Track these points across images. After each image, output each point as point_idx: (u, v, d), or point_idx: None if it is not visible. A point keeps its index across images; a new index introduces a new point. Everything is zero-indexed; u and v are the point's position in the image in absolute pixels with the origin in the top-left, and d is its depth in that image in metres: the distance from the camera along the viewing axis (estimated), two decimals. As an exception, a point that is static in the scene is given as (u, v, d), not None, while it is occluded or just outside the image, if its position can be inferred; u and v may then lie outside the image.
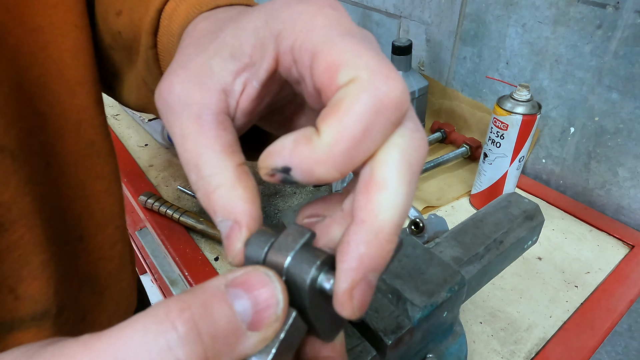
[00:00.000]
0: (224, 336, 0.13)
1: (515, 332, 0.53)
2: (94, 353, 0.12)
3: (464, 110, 0.89)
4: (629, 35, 0.62)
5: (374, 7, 1.03)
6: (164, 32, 0.29)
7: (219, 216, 0.18)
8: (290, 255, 0.16)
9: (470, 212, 0.73)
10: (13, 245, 0.31)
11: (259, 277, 0.15)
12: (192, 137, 0.18)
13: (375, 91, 0.15)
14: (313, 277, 0.16)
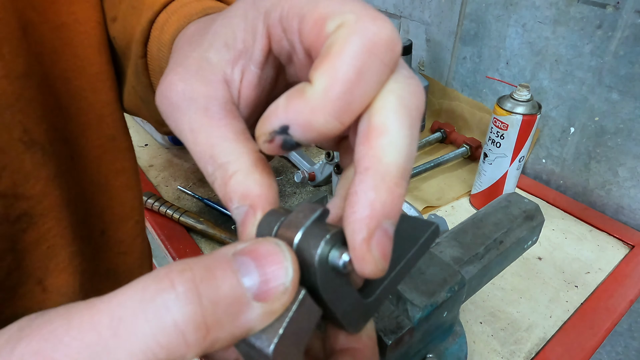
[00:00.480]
0: (227, 303, 0.12)
1: (515, 332, 0.53)
2: (94, 310, 0.12)
3: (464, 110, 0.89)
4: (629, 35, 0.62)
5: (374, 7, 1.03)
6: (154, 42, 0.29)
7: (235, 203, 0.17)
8: (300, 230, 0.15)
9: (470, 212, 0.73)
10: (42, 237, 0.31)
11: (268, 246, 0.14)
12: (203, 129, 0.18)
13: (364, 31, 0.14)
14: (322, 252, 0.15)
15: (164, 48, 0.28)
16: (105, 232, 0.38)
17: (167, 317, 0.11)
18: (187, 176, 0.81)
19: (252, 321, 0.13)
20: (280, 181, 0.79)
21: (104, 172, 0.37)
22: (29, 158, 0.29)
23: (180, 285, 0.12)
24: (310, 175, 0.74)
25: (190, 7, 0.29)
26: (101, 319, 0.12)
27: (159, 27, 0.29)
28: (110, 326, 0.11)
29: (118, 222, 0.39)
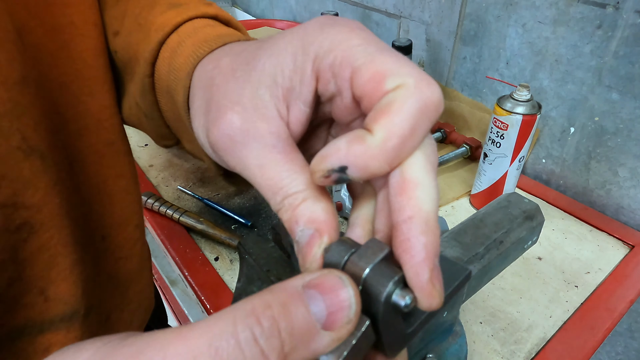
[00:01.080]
0: (300, 333, 0.14)
1: (515, 332, 0.53)
2: (190, 338, 0.14)
3: (464, 110, 0.89)
4: (629, 35, 0.62)
5: (374, 7, 1.03)
6: (163, 63, 0.30)
7: (301, 225, 0.19)
8: (369, 266, 0.17)
9: (470, 212, 0.73)
10: (43, 246, 0.31)
11: (334, 280, 0.15)
12: (272, 165, 0.20)
13: (421, 95, 0.17)
14: (389, 291, 0.17)
15: (177, 72, 0.28)
16: (106, 238, 0.38)
17: (256, 348, 0.14)
18: (187, 176, 0.81)
19: (321, 347, 0.15)
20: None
21: (102, 177, 0.37)
22: (28, 166, 0.29)
23: (266, 322, 0.14)
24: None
25: (205, 32, 0.29)
26: (199, 345, 0.14)
27: (170, 49, 0.29)
28: (209, 353, 0.13)
29: (118, 226, 0.39)
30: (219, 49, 0.27)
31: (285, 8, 1.38)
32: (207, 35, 0.29)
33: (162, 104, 0.31)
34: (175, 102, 0.29)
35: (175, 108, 0.30)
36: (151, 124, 0.34)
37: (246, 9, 1.63)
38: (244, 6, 1.63)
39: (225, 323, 0.14)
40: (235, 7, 1.63)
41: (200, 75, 0.26)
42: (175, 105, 0.29)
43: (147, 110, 0.33)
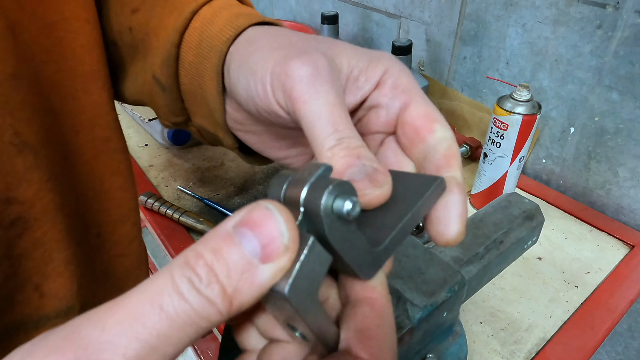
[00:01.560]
0: (238, 272, 0.14)
1: (515, 332, 0.53)
2: (130, 306, 0.13)
3: (464, 110, 0.89)
4: (629, 35, 0.62)
5: (374, 7, 1.03)
6: (194, 33, 0.31)
7: (363, 160, 0.20)
8: (306, 186, 0.17)
9: (470, 212, 0.73)
10: (37, 242, 0.31)
11: (261, 212, 0.15)
12: (342, 108, 0.22)
13: (453, 142, 0.23)
14: (327, 202, 0.16)
15: (211, 39, 0.29)
16: (101, 235, 0.38)
17: (200, 296, 0.14)
18: (187, 176, 0.81)
19: (266, 280, 0.15)
20: (280, 181, 0.79)
21: (98, 174, 0.37)
22: (20, 161, 0.29)
23: (200, 269, 0.14)
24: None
25: (239, 8, 0.31)
26: (141, 307, 0.13)
27: (202, 19, 0.30)
28: (153, 312, 0.13)
29: (114, 224, 0.39)
30: (261, 27, 0.28)
31: (285, 8, 1.38)
32: (242, 11, 0.30)
33: (183, 76, 0.32)
34: (201, 70, 0.30)
35: (196, 79, 0.30)
36: (167, 98, 0.34)
37: (246, 9, 1.62)
38: (244, 6, 1.63)
39: (163, 280, 0.14)
40: (235, 7, 1.62)
41: (254, 32, 0.28)
42: (201, 75, 0.30)
43: (166, 82, 0.33)
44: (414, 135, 0.23)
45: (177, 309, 0.13)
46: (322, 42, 0.24)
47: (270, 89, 0.23)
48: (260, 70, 0.24)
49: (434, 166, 0.23)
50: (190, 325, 0.14)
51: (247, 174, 0.81)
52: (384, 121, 0.25)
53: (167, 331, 0.13)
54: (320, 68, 0.22)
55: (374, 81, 0.24)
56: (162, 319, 0.13)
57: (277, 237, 0.15)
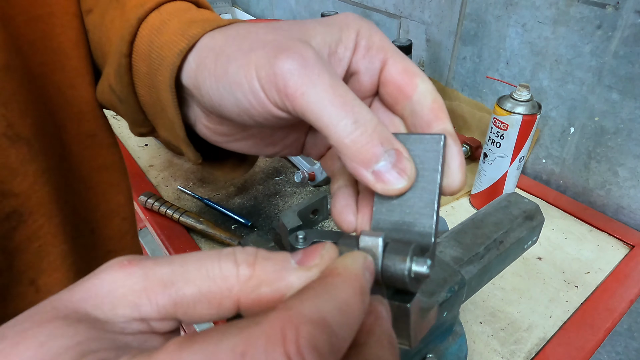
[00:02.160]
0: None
1: (515, 332, 0.53)
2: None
3: (464, 110, 0.89)
4: (629, 35, 0.62)
5: (374, 7, 1.03)
6: (143, 41, 0.28)
7: (386, 147, 0.21)
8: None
9: (470, 212, 0.73)
10: (33, 235, 0.31)
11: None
12: (344, 87, 0.21)
13: (436, 94, 0.23)
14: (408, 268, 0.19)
15: (160, 49, 0.27)
16: (95, 230, 0.38)
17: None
18: (187, 176, 0.81)
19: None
20: (280, 181, 0.79)
21: (86, 168, 0.36)
22: (14, 153, 0.29)
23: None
24: (310, 175, 0.74)
25: (191, 14, 0.28)
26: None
27: (152, 27, 0.28)
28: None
29: (104, 218, 0.39)
30: (218, 31, 0.26)
31: (285, 8, 1.38)
32: (194, 17, 0.28)
33: (139, 87, 0.29)
34: (156, 82, 0.27)
35: (153, 91, 0.28)
36: (126, 109, 0.32)
37: (246, 9, 1.62)
38: (244, 6, 1.63)
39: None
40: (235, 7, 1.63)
41: (213, 40, 0.25)
42: (157, 87, 0.28)
43: (121, 93, 0.31)
44: (397, 93, 0.23)
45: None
46: (290, 29, 0.23)
47: (263, 95, 0.22)
48: (245, 80, 0.22)
49: (424, 122, 0.23)
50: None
51: (247, 174, 0.81)
52: (368, 85, 0.24)
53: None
54: (307, 56, 0.21)
55: (351, 47, 0.24)
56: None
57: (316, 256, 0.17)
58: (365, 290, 0.16)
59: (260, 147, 0.29)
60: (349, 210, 0.25)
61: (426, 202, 0.21)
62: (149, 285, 0.15)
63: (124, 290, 0.15)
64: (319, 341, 0.13)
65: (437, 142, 0.21)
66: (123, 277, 0.15)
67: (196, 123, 0.29)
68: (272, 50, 0.21)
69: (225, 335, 0.12)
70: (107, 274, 0.15)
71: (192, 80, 0.25)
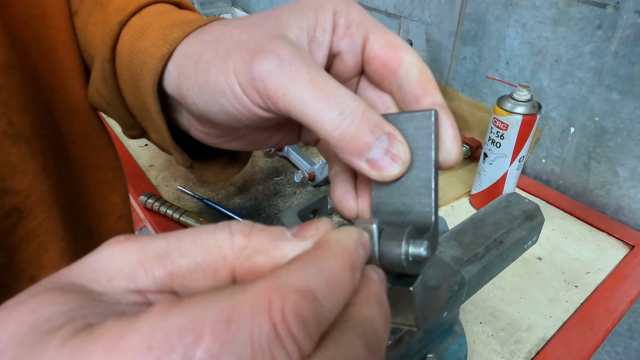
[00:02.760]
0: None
1: (515, 332, 0.53)
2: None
3: (464, 110, 0.89)
4: (629, 35, 0.62)
5: (374, 7, 1.03)
6: (125, 46, 0.28)
7: (377, 133, 0.20)
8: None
9: (470, 212, 0.73)
10: (32, 232, 0.31)
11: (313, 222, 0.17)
12: (325, 78, 0.21)
13: (422, 65, 0.23)
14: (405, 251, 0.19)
15: (141, 54, 0.26)
16: (90, 229, 0.38)
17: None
18: (187, 176, 0.81)
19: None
20: (280, 181, 0.79)
21: (80, 167, 0.37)
22: (15, 151, 0.29)
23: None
24: (310, 175, 0.74)
25: (172, 16, 0.28)
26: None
27: (133, 32, 0.27)
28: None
29: (99, 218, 0.39)
30: (196, 34, 0.25)
31: (285, 8, 1.38)
32: (175, 19, 0.27)
33: (125, 92, 0.29)
34: (139, 87, 0.27)
35: (138, 95, 0.28)
36: (115, 113, 0.32)
37: (246, 9, 1.62)
38: (244, 6, 1.63)
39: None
40: (235, 7, 1.63)
41: (190, 47, 0.24)
42: (139, 92, 0.27)
43: (108, 98, 0.31)
44: (383, 70, 0.23)
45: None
46: (263, 23, 0.23)
47: (247, 99, 0.22)
48: (227, 87, 0.22)
49: (412, 97, 0.22)
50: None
51: (247, 174, 0.81)
52: (352, 65, 0.24)
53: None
54: (282, 54, 0.20)
55: (329, 29, 0.23)
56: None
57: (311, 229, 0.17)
58: (355, 265, 0.16)
59: (258, 142, 0.29)
60: (348, 196, 0.25)
61: (423, 180, 0.21)
62: (145, 258, 0.15)
63: (120, 263, 0.15)
64: (304, 310, 0.13)
65: (428, 118, 0.21)
66: (119, 251, 0.15)
67: (190, 128, 0.29)
68: (247, 53, 0.21)
69: (212, 300, 0.12)
70: (104, 250, 0.15)
71: (176, 90, 0.25)
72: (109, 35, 0.28)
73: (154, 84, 0.25)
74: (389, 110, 0.25)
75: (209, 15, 1.50)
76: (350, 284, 0.15)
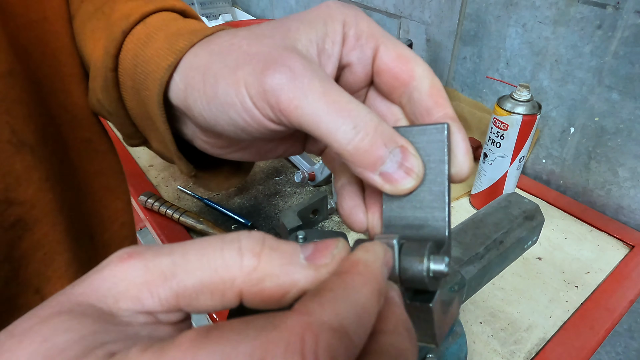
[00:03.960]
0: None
1: (515, 332, 0.53)
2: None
3: (464, 110, 0.89)
4: (629, 35, 0.62)
5: (374, 7, 1.03)
6: (128, 55, 0.27)
7: (390, 147, 0.20)
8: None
9: (470, 212, 0.73)
10: (38, 244, 0.31)
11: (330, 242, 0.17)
12: (337, 91, 0.21)
13: (433, 77, 0.23)
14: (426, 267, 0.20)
15: (146, 64, 0.26)
16: (94, 237, 0.38)
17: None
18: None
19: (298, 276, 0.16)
20: (280, 181, 0.79)
21: (83, 174, 0.36)
22: (19, 160, 0.29)
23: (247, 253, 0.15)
24: (310, 175, 0.74)
25: (177, 25, 0.27)
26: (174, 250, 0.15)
27: (137, 41, 0.27)
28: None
29: (102, 225, 0.39)
30: (203, 43, 0.25)
31: (285, 8, 1.38)
32: (180, 28, 0.27)
33: (128, 101, 0.29)
34: (143, 97, 0.27)
35: (141, 105, 0.27)
36: (116, 122, 0.31)
37: (246, 9, 1.62)
38: (244, 6, 1.63)
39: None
40: (235, 7, 1.63)
41: (196, 58, 0.24)
42: (142, 101, 0.27)
43: (110, 107, 0.30)
44: (393, 81, 0.23)
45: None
46: (272, 34, 0.22)
47: (257, 112, 0.21)
48: (236, 100, 0.21)
49: (423, 109, 0.22)
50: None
51: (247, 174, 0.81)
52: (362, 76, 0.24)
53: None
54: (294, 67, 0.20)
55: (339, 40, 0.23)
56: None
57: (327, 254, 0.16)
58: (383, 291, 0.15)
59: (262, 153, 0.29)
60: (358, 210, 0.24)
61: (436, 194, 0.21)
62: (149, 278, 0.15)
63: (125, 284, 0.15)
64: (336, 349, 0.12)
65: (441, 132, 0.21)
66: (123, 270, 0.15)
67: (194, 139, 0.28)
68: (258, 65, 0.21)
69: (242, 337, 0.12)
70: (107, 269, 0.15)
71: (182, 102, 0.25)
72: (112, 44, 0.27)
73: (159, 94, 0.25)
74: (398, 122, 0.25)
75: (209, 15, 1.50)
76: (377, 311, 0.15)
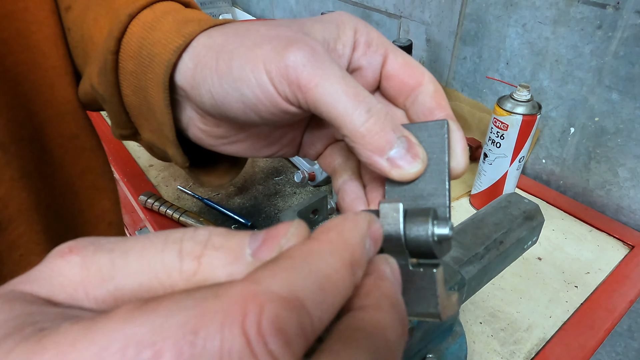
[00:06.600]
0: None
1: (515, 332, 0.53)
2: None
3: (464, 110, 0.89)
4: (629, 35, 0.62)
5: (374, 7, 1.03)
6: (133, 38, 0.27)
7: (399, 133, 0.21)
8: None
9: (470, 212, 0.73)
10: (13, 244, 0.30)
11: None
12: (353, 80, 0.22)
13: (435, 82, 0.24)
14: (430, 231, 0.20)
15: (152, 46, 0.26)
16: (79, 237, 0.37)
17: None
18: (187, 176, 0.81)
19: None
20: (280, 181, 0.79)
21: (67, 172, 0.35)
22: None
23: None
24: (310, 175, 0.74)
25: (185, 13, 0.27)
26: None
27: (144, 24, 0.27)
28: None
29: (88, 224, 0.38)
30: (214, 30, 0.25)
31: (286, 8, 1.38)
32: (188, 16, 0.27)
33: (125, 87, 0.28)
34: (145, 82, 0.26)
35: (140, 91, 0.27)
36: (109, 109, 0.30)
37: (246, 9, 1.62)
38: (244, 6, 1.63)
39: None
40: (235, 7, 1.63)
41: (210, 39, 0.24)
42: (142, 87, 0.27)
43: (105, 93, 0.29)
44: (401, 86, 0.24)
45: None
46: (290, 26, 0.23)
47: (272, 89, 0.21)
48: (252, 75, 0.22)
49: (426, 109, 0.23)
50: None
51: (247, 174, 0.81)
52: (371, 81, 0.25)
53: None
54: (316, 48, 0.21)
55: (350, 44, 0.24)
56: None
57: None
58: (357, 263, 0.14)
59: (256, 149, 0.29)
60: (359, 202, 0.24)
61: (437, 183, 0.22)
62: (86, 279, 0.14)
63: (61, 279, 0.14)
64: (286, 323, 0.11)
65: (441, 127, 0.22)
66: (61, 266, 0.14)
67: (189, 126, 0.28)
68: (280, 43, 0.21)
69: (178, 307, 0.11)
70: (46, 263, 0.14)
71: (189, 80, 0.25)
72: (116, 27, 0.27)
73: (165, 75, 0.25)
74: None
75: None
76: (349, 285, 0.13)
